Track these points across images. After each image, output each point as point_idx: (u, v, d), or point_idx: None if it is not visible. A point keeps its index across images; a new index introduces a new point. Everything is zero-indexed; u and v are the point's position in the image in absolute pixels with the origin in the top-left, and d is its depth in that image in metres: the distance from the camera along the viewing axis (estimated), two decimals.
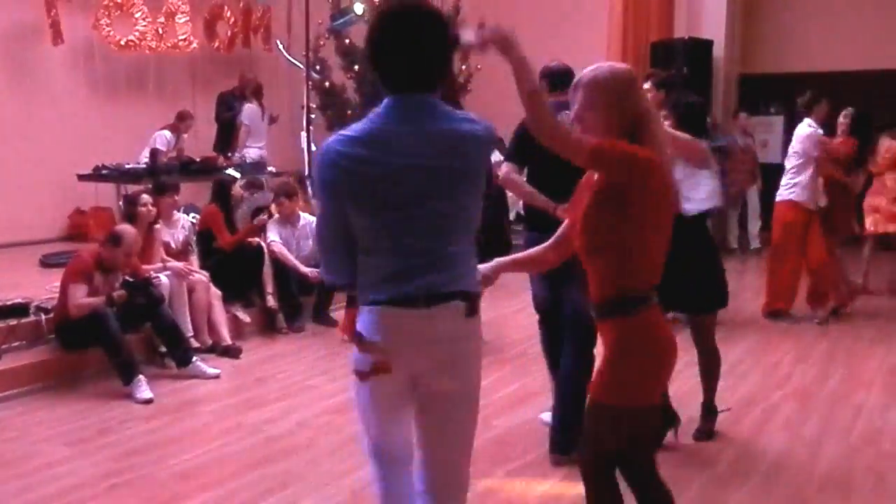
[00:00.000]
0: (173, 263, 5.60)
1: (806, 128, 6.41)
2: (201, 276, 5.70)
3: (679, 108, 4.81)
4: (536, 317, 4.13)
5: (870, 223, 7.39)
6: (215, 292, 5.75)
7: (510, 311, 6.67)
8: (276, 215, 6.55)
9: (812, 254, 6.50)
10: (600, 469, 2.43)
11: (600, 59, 9.30)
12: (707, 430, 4.19)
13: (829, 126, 6.75)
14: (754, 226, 9.92)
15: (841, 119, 6.76)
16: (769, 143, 10.09)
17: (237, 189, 6.32)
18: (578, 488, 2.55)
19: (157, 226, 5.69)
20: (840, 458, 3.94)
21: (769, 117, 10.41)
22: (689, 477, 3.70)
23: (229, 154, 8.64)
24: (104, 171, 7.78)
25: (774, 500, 3.51)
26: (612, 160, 2.22)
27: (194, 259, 5.97)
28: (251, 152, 8.73)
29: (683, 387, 4.53)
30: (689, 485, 3.62)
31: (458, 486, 2.30)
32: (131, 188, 7.58)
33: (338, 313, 6.39)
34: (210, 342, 5.62)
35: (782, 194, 6.49)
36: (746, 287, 8.01)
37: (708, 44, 9.68)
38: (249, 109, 8.78)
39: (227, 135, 8.96)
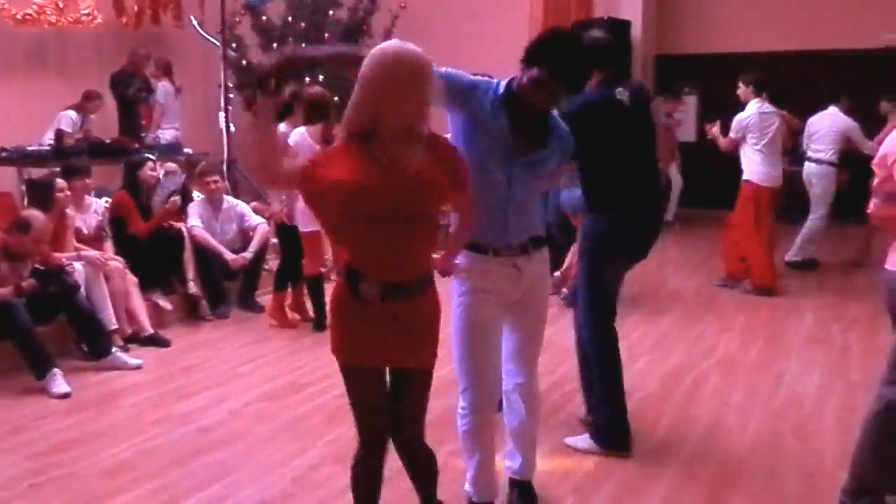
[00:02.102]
0: (88, 252, 5.32)
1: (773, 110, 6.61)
2: (117, 263, 5.43)
3: None
4: None
5: None
6: (131, 279, 5.50)
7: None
8: (200, 196, 6.30)
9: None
10: None
11: (522, 40, 9.31)
12: None
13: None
14: (674, 201, 10.21)
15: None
16: (683, 122, 10.35)
17: (146, 173, 6.04)
18: None
19: (70, 211, 5.39)
20: (767, 423, 4.08)
21: (684, 97, 10.67)
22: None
23: (143, 135, 8.27)
24: (4, 154, 7.31)
25: (709, 464, 3.60)
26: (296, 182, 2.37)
27: (109, 245, 5.68)
28: (167, 133, 8.40)
29: None
30: (626, 456, 3.67)
31: None
32: (34, 172, 7.20)
33: (264, 298, 6.21)
34: (129, 331, 5.37)
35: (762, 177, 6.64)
36: (668, 262, 8.22)
37: (626, 24, 9.83)
38: (164, 88, 8.44)
39: (133, 116, 8.57)
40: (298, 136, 5.33)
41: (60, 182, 5.28)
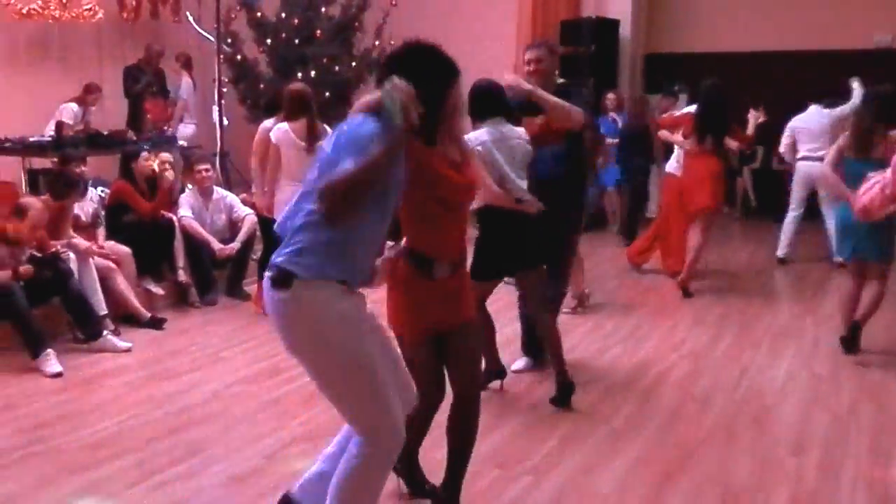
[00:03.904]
0: (77, 241, 5.51)
1: None
2: (109, 263, 5.59)
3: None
4: None
5: None
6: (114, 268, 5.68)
7: None
8: (191, 187, 6.49)
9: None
10: None
11: (511, 38, 9.51)
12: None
13: None
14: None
15: None
16: None
17: (141, 164, 6.25)
18: None
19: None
20: (727, 411, 4.24)
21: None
22: (589, 431, 3.95)
23: (167, 127, 8.51)
24: (7, 144, 7.51)
25: (665, 449, 3.77)
26: None
27: (102, 232, 5.89)
28: (188, 129, 8.70)
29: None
30: (587, 438, 3.87)
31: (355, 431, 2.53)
32: (35, 162, 7.42)
33: (251, 287, 6.40)
34: (148, 316, 5.65)
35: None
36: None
37: (615, 23, 9.97)
38: (187, 84, 8.76)
39: (138, 110, 8.80)
40: (280, 132, 5.41)
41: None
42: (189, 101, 8.97)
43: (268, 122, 5.73)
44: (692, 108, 6.90)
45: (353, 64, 9.12)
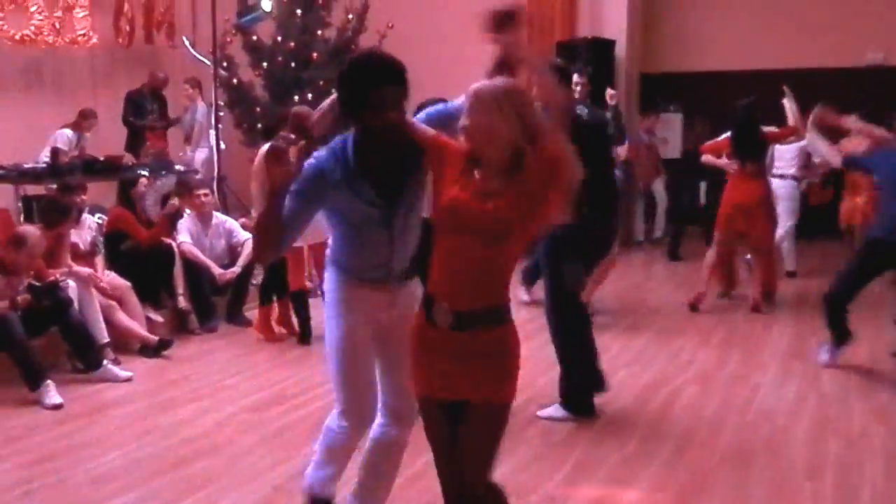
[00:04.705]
0: (79, 269, 5.44)
1: None
2: (111, 302, 5.52)
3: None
4: None
5: None
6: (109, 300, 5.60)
7: None
8: (188, 212, 6.44)
9: None
10: None
11: None
12: None
13: None
14: (661, 217, 10.37)
15: None
16: (669, 140, 10.49)
17: (140, 190, 6.21)
18: None
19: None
20: (739, 434, 4.20)
21: (669, 115, 10.82)
22: (602, 457, 3.89)
23: (181, 153, 8.55)
24: (1, 171, 7.43)
25: (680, 474, 3.72)
26: None
27: (100, 260, 5.82)
28: (202, 153, 8.72)
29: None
30: (601, 464, 3.81)
31: None
32: (30, 189, 7.36)
33: (252, 313, 6.33)
34: (156, 340, 5.58)
35: None
36: (651, 277, 8.35)
37: (610, 44, 10.00)
38: (202, 108, 8.83)
39: (137, 137, 8.78)
40: None
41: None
42: (204, 124, 8.95)
43: (266, 146, 5.70)
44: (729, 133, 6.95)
45: None
